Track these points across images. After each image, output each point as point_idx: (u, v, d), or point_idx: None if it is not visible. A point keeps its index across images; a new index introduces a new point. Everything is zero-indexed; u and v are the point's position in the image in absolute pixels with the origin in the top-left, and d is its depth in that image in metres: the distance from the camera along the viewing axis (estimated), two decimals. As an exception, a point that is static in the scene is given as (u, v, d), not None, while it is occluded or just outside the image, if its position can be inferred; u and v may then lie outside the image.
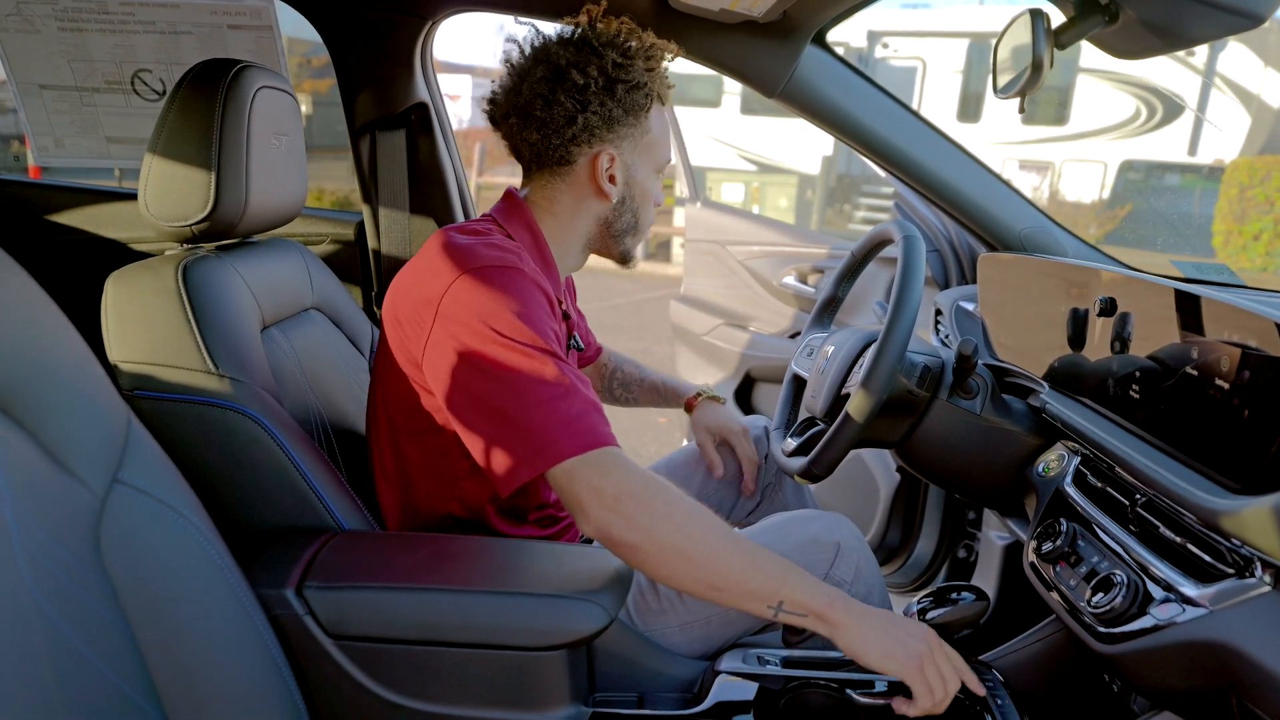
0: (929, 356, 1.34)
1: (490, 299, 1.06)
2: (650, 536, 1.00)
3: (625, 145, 1.25)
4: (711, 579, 1.01)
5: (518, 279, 1.10)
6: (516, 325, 1.05)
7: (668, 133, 1.32)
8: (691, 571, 1.01)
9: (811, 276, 2.54)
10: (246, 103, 1.18)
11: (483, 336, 1.05)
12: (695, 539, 1.01)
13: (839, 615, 1.01)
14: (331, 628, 1.01)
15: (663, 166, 1.32)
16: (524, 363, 1.04)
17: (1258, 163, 8.84)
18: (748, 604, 1.02)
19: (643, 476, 1.03)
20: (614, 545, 1.02)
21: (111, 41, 1.71)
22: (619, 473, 1.02)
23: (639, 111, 1.23)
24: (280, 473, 1.13)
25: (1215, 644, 0.85)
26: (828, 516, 1.35)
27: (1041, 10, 0.99)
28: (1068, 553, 1.10)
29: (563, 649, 1.03)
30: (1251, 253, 8.61)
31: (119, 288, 1.13)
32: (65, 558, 0.74)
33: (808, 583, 1.03)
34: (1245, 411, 0.90)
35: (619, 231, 1.31)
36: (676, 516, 1.01)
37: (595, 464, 1.02)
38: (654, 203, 1.34)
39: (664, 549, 1.00)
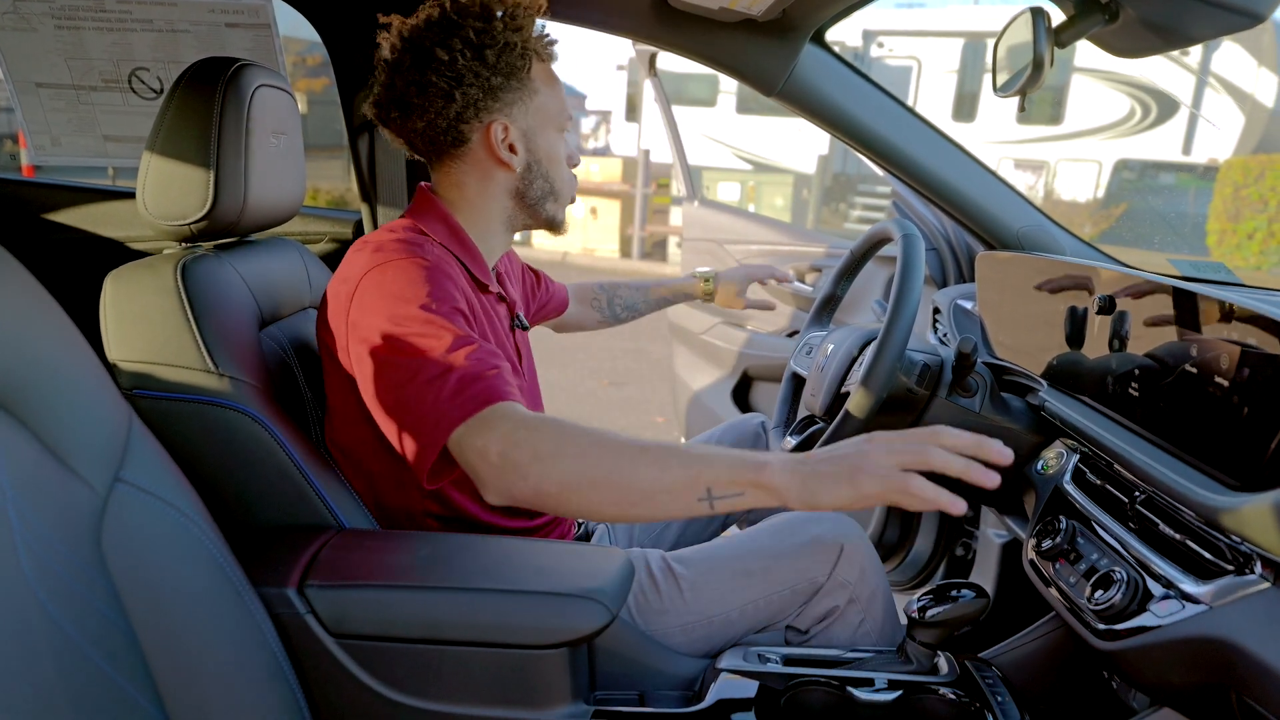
0: (928, 355, 1.35)
1: (384, 295, 1.07)
2: (548, 478, 0.93)
3: (516, 111, 1.23)
4: (628, 496, 0.92)
5: (410, 268, 1.10)
6: (408, 312, 1.05)
7: (560, 90, 1.29)
8: (605, 496, 0.93)
9: (809, 275, 2.54)
10: (245, 101, 1.18)
11: (380, 332, 1.05)
12: (596, 463, 0.93)
13: (776, 478, 0.89)
14: (333, 626, 1.01)
15: (564, 125, 1.29)
16: (414, 345, 1.02)
17: (1252, 162, 8.87)
18: (677, 507, 0.93)
19: (529, 422, 0.96)
20: (522, 502, 0.96)
21: (109, 40, 1.71)
22: (503, 426, 0.96)
23: (518, 73, 1.20)
24: (280, 471, 1.13)
25: (1215, 640, 0.85)
26: (831, 517, 1.34)
27: (1042, 9, 0.99)
28: (1067, 550, 1.11)
29: (564, 647, 1.03)
30: (1246, 251, 8.64)
31: (117, 287, 1.13)
32: (68, 556, 0.74)
33: (730, 458, 0.92)
34: (1245, 409, 0.90)
35: (535, 200, 1.28)
36: (569, 449, 0.94)
37: (479, 427, 0.96)
38: (570, 163, 1.32)
39: (567, 486, 0.93)
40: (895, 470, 0.84)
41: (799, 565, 1.27)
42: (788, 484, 0.88)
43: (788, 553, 1.28)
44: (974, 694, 1.13)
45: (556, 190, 1.30)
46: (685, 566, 1.28)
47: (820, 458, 0.89)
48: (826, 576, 1.26)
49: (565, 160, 1.31)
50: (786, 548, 1.29)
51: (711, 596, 1.26)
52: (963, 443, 0.85)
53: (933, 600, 1.19)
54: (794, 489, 0.88)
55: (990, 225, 1.75)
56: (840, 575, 1.26)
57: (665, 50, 1.68)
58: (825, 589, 1.26)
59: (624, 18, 1.59)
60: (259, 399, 1.14)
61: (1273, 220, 8.46)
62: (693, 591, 1.26)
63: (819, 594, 1.27)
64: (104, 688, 0.76)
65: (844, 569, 1.27)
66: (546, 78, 1.26)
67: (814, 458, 0.89)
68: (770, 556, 1.28)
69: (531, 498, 0.95)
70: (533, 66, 1.23)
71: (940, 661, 1.18)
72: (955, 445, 0.85)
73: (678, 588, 1.26)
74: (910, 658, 1.19)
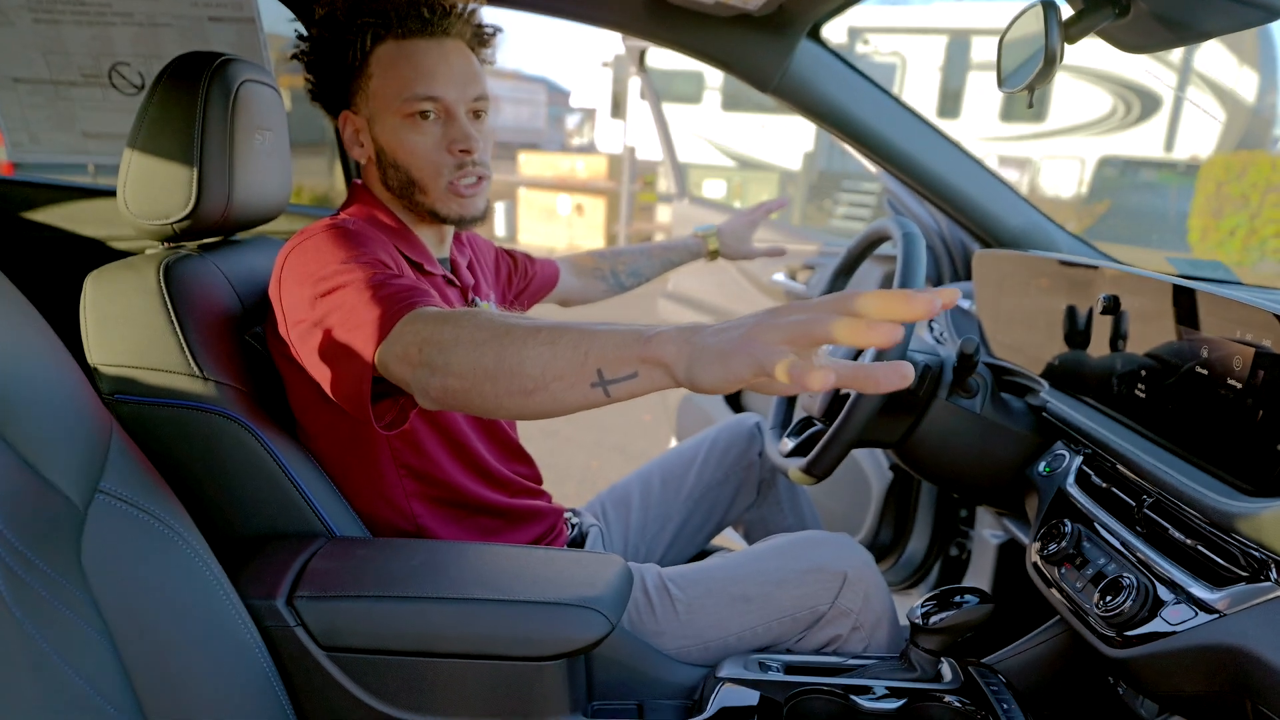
0: (929, 355, 1.33)
1: (304, 265, 1.05)
2: (450, 372, 0.85)
3: (358, 100, 1.20)
4: (519, 384, 0.81)
5: (326, 238, 1.07)
6: (326, 271, 1.02)
7: (405, 70, 1.16)
8: (499, 387, 0.83)
9: (802, 274, 2.52)
10: (229, 97, 1.14)
11: (307, 299, 1.02)
12: (489, 350, 0.83)
13: (665, 350, 0.74)
14: (323, 639, 0.98)
15: (414, 109, 1.17)
16: (334, 295, 0.99)
17: (1233, 159, 8.94)
18: (573, 397, 0.81)
19: (438, 316, 0.90)
20: (438, 400, 0.88)
21: (88, 34, 1.66)
22: (414, 326, 0.90)
23: (345, 59, 1.17)
24: (267, 477, 1.10)
25: (1230, 649, 0.83)
26: (834, 541, 1.31)
27: (1054, 3, 0.97)
28: (1073, 554, 1.09)
29: (562, 658, 1.00)
30: (1227, 248, 8.69)
31: (98, 288, 1.10)
32: (46, 571, 0.71)
33: (619, 333, 0.79)
34: (1259, 412, 0.88)
35: (398, 191, 1.22)
36: (465, 338, 0.85)
37: (396, 337, 0.90)
38: (442, 149, 1.19)
39: (465, 378, 0.84)
40: (774, 348, 0.67)
41: (800, 593, 1.23)
42: (676, 358, 0.73)
43: (789, 579, 1.24)
44: (979, 701, 1.11)
45: (415, 179, 1.20)
46: (681, 588, 1.25)
47: (713, 329, 0.73)
48: (829, 606, 1.23)
49: (429, 147, 1.18)
50: (788, 574, 1.25)
51: (708, 621, 1.23)
52: (867, 304, 0.64)
53: (936, 606, 1.17)
54: (681, 364, 0.73)
55: (987, 222, 1.73)
56: (843, 604, 1.23)
57: (660, 46, 1.66)
58: (827, 618, 1.23)
59: (618, 13, 1.57)
60: (244, 403, 1.10)
61: (1254, 217, 8.52)
62: (689, 615, 1.23)
63: (820, 622, 1.24)
64: (85, 708, 0.73)
65: (847, 597, 1.23)
66: (389, 59, 1.17)
67: (708, 329, 0.74)
68: (771, 582, 1.25)
69: (441, 394, 0.87)
70: (370, 49, 1.17)
71: (944, 668, 1.17)
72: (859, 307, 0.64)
73: (673, 609, 1.23)
74: (913, 664, 1.18)
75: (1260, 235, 8.53)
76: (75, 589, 0.74)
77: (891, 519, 2.10)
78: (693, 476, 1.64)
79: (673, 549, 1.63)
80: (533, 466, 1.43)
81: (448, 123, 1.19)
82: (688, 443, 1.71)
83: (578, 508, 1.57)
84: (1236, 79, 9.55)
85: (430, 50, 1.17)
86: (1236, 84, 9.57)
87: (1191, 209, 9.17)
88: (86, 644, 0.74)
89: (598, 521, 1.55)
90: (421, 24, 1.16)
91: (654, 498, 1.64)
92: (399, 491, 1.21)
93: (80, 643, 0.73)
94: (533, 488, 1.40)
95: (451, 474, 1.24)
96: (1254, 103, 9.66)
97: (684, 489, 1.64)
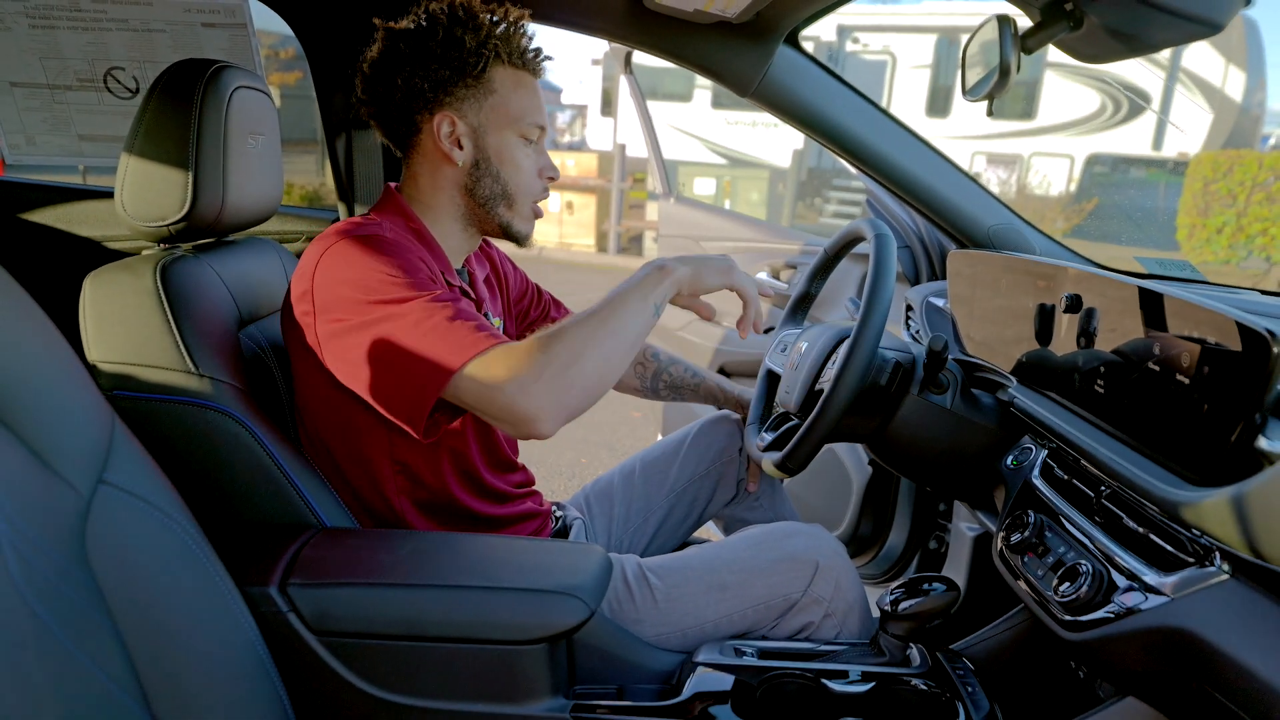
0: (900, 352, 1.37)
1: (350, 267, 1.11)
2: (581, 379, 1.06)
3: (467, 107, 1.25)
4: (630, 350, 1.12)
5: (367, 241, 1.13)
6: (380, 281, 1.09)
7: (530, 98, 1.28)
8: (619, 362, 1.12)
9: (785, 272, 2.57)
10: (224, 103, 1.18)
11: (355, 304, 1.09)
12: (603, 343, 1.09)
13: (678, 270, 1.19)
14: (315, 624, 1.02)
15: (529, 134, 1.28)
16: (396, 311, 1.07)
17: (1221, 157, 8.99)
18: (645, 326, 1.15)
19: (521, 349, 1.06)
20: (530, 425, 1.05)
21: (84, 39, 1.70)
22: (502, 361, 1.04)
23: (470, 70, 1.23)
24: (261, 471, 1.14)
25: (1176, 630, 0.88)
26: (807, 531, 1.36)
27: (1009, 16, 1.01)
28: (1035, 543, 1.13)
29: (544, 643, 1.04)
30: (1215, 246, 8.75)
31: (97, 288, 1.13)
32: (54, 558, 0.75)
33: (650, 275, 1.18)
34: (1204, 406, 0.93)
35: (484, 199, 1.28)
36: (584, 349, 1.07)
37: (480, 366, 1.04)
38: (536, 173, 1.31)
39: (596, 378, 1.09)
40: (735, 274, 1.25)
41: (773, 581, 1.28)
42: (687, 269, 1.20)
43: (763, 568, 1.29)
44: (945, 684, 1.15)
45: (509, 194, 1.29)
46: (659, 577, 1.29)
47: (702, 257, 1.24)
48: (801, 593, 1.27)
49: (529, 168, 1.30)
50: (762, 563, 1.30)
51: (685, 609, 1.27)
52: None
53: (905, 594, 1.21)
54: (690, 271, 1.20)
55: (961, 223, 1.78)
56: (815, 592, 1.28)
57: (641, 51, 1.70)
58: (800, 605, 1.28)
59: (600, 19, 1.61)
60: (239, 399, 1.14)
61: (1241, 215, 8.58)
62: (667, 603, 1.27)
63: (793, 610, 1.28)
64: (91, 688, 0.77)
65: (819, 585, 1.28)
66: (513, 82, 1.26)
67: (697, 256, 1.24)
68: (745, 571, 1.29)
69: (567, 417, 1.07)
70: (492, 68, 1.24)
71: (912, 653, 1.21)
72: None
73: (652, 598, 1.27)
74: (883, 650, 1.22)
75: (1247, 233, 8.59)
76: (81, 575, 0.78)
77: (871, 513, 2.14)
78: (674, 471, 1.68)
79: (654, 542, 1.67)
80: (525, 472, 1.48)
81: (541, 152, 1.32)
82: (669, 438, 1.75)
83: (562, 501, 1.61)
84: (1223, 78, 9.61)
85: (536, 86, 1.31)
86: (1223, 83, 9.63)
87: (1179, 207, 9.22)
88: (92, 627, 0.78)
89: (581, 515, 1.59)
90: (532, 62, 1.28)
91: (636, 491, 1.68)
92: (391, 487, 1.25)
93: (86, 626, 0.77)
94: (523, 494, 1.44)
95: (446, 481, 1.29)
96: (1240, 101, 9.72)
97: (665, 483, 1.68)
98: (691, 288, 1.20)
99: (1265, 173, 8.53)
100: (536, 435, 1.06)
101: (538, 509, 1.44)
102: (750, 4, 1.39)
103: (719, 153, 11.59)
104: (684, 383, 1.75)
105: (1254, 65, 9.78)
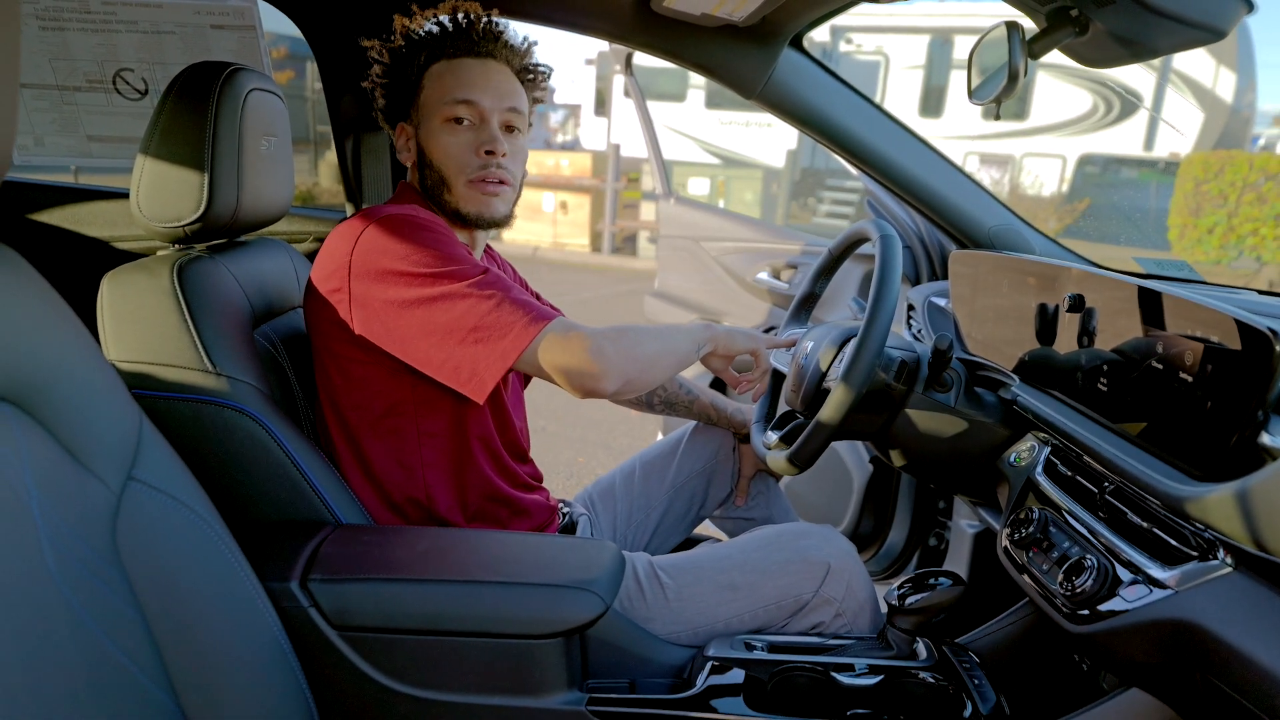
0: (905, 351, 1.39)
1: (397, 241, 1.16)
2: (620, 369, 1.18)
3: (412, 111, 1.32)
4: (676, 363, 1.31)
5: (415, 221, 1.19)
6: (432, 254, 1.15)
7: (451, 79, 1.29)
8: (665, 367, 1.28)
9: (785, 272, 2.58)
10: (239, 105, 1.19)
11: (409, 279, 1.14)
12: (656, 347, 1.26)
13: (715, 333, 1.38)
14: (335, 619, 1.04)
15: (454, 114, 1.28)
16: (452, 286, 1.13)
17: (1212, 157, 9.03)
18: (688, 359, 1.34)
19: (591, 331, 1.17)
20: (599, 380, 1.17)
21: (94, 41, 1.71)
22: (576, 334, 1.15)
23: (406, 75, 1.31)
24: (278, 468, 1.15)
25: (1181, 623, 0.90)
26: (818, 532, 1.38)
27: (1018, 23, 1.03)
28: (1040, 539, 1.15)
29: (560, 637, 1.06)
30: (1206, 246, 8.80)
31: (114, 288, 1.15)
32: (87, 553, 0.77)
33: (697, 328, 1.37)
34: (1208, 403, 0.95)
35: (431, 192, 1.32)
36: (639, 343, 1.23)
37: (557, 335, 1.15)
38: (472, 150, 1.28)
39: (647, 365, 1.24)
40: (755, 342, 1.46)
41: (785, 582, 1.30)
42: (726, 334, 1.40)
43: (774, 569, 1.31)
44: (952, 677, 1.17)
45: (445, 178, 1.30)
46: (671, 575, 1.31)
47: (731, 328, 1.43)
48: (813, 594, 1.29)
49: (459, 147, 1.28)
50: (773, 563, 1.31)
51: (697, 608, 1.28)
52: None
53: (912, 588, 1.23)
54: (728, 335, 1.40)
55: (962, 224, 1.80)
56: (827, 592, 1.29)
57: (649, 54, 1.71)
58: (811, 605, 1.29)
59: (606, 21, 1.62)
60: (256, 397, 1.16)
61: (1232, 215, 8.63)
62: (679, 601, 1.29)
63: (804, 610, 1.30)
64: (122, 679, 0.78)
65: (831, 586, 1.30)
66: (439, 72, 1.30)
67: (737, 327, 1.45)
68: (757, 571, 1.31)
69: (624, 384, 1.20)
70: (425, 67, 1.30)
71: (919, 647, 1.23)
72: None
73: (664, 596, 1.29)
74: (890, 643, 1.24)
75: (1238, 233, 8.63)
76: (112, 570, 0.80)
77: (872, 511, 2.16)
78: (673, 469, 1.72)
79: (656, 537, 1.69)
80: (534, 466, 1.50)
81: (480, 128, 1.29)
82: (667, 438, 1.79)
83: (568, 499, 1.63)
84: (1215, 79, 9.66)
85: (474, 65, 1.30)
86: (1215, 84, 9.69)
87: (1171, 207, 9.27)
88: (123, 620, 0.80)
89: (587, 511, 1.62)
90: (469, 44, 1.29)
91: (636, 489, 1.71)
92: (416, 459, 1.28)
93: (117, 619, 0.79)
94: (534, 484, 1.46)
95: (472, 449, 1.31)
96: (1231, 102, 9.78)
97: (665, 480, 1.71)
98: (726, 348, 1.39)
99: (1256, 173, 8.58)
100: (600, 390, 1.18)
101: (546, 502, 1.46)
102: (758, 8, 1.41)
103: (713, 153, 11.61)
104: (678, 400, 1.77)
105: (1244, 66, 9.84)
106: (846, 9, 1.48)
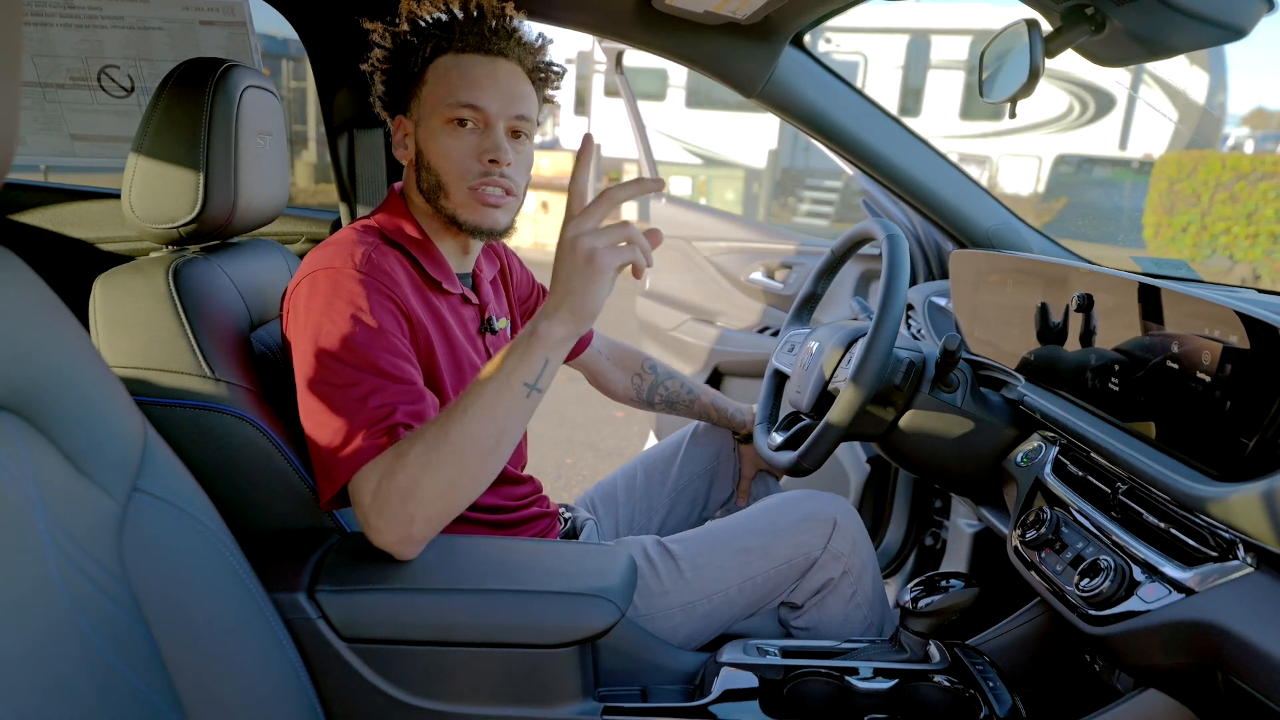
0: (912, 352, 1.38)
1: (313, 305, 1.10)
2: (396, 531, 1.01)
3: (412, 104, 1.24)
4: (486, 462, 1.01)
5: (343, 282, 1.10)
6: (330, 330, 1.07)
7: (455, 78, 1.20)
8: (474, 479, 1.01)
9: (779, 272, 2.57)
10: (234, 103, 1.17)
11: (307, 342, 1.08)
12: (449, 466, 0.98)
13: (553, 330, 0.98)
14: (344, 630, 1.01)
15: (458, 115, 1.19)
16: (328, 368, 1.06)
17: (1185, 157, 9.14)
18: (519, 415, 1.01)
19: (381, 466, 1.01)
20: (401, 545, 1.02)
21: (78, 36, 1.66)
22: (373, 484, 1.01)
23: (408, 66, 1.22)
24: (279, 475, 1.12)
25: (1202, 624, 0.89)
26: (823, 495, 1.41)
27: (1037, 21, 1.02)
28: (1052, 539, 1.15)
29: (574, 645, 1.04)
30: (1180, 244, 8.90)
31: (107, 291, 1.11)
32: (92, 568, 0.74)
33: (515, 351, 1.00)
34: (1227, 403, 0.94)
35: (428, 195, 1.23)
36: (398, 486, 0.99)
37: (360, 484, 1.02)
38: (474, 156, 1.20)
39: (444, 504, 1.01)
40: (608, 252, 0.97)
41: (795, 540, 1.33)
42: (567, 325, 0.98)
43: (784, 529, 1.34)
44: (966, 680, 1.16)
45: (443, 183, 1.21)
46: (683, 547, 1.33)
47: (563, 285, 0.98)
48: (821, 550, 1.32)
49: (461, 151, 1.20)
50: (783, 524, 1.35)
51: (712, 575, 1.30)
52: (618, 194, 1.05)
53: (924, 591, 1.23)
54: (573, 325, 0.99)
55: (961, 223, 1.80)
56: (834, 547, 1.33)
57: (650, 53, 1.69)
58: (820, 562, 1.33)
59: (608, 20, 1.61)
60: (254, 403, 1.13)
61: (1205, 214, 8.73)
62: (693, 571, 1.30)
63: (815, 567, 1.33)
64: (128, 693, 0.75)
65: (838, 541, 1.33)
66: (445, 68, 1.20)
67: (559, 288, 0.98)
68: (768, 533, 1.34)
69: (425, 532, 1.03)
70: (433, 61, 1.21)
71: (932, 649, 1.22)
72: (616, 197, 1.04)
73: (677, 569, 1.30)
74: (904, 647, 1.23)
75: (1211, 232, 8.74)
76: (118, 584, 0.77)
77: (869, 510, 2.16)
78: (674, 470, 1.71)
79: (663, 533, 1.68)
80: (531, 483, 1.44)
81: (484, 133, 1.20)
82: (669, 439, 1.78)
83: (570, 504, 1.61)
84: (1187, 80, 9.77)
85: (482, 65, 1.20)
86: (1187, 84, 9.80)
87: (1146, 206, 9.37)
88: (129, 635, 0.77)
89: (590, 515, 1.60)
90: (479, 40, 1.20)
91: (638, 492, 1.70)
92: None
93: (123, 634, 0.76)
94: (529, 502, 1.42)
95: None
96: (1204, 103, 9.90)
97: (667, 482, 1.71)
98: (580, 323, 0.99)
99: (1228, 173, 8.68)
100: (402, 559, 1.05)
101: (543, 511, 1.44)
102: (761, 6, 1.39)
103: (694, 152, 11.61)
104: (679, 399, 1.75)
105: (1215, 67, 9.96)
106: (850, 7, 1.47)
